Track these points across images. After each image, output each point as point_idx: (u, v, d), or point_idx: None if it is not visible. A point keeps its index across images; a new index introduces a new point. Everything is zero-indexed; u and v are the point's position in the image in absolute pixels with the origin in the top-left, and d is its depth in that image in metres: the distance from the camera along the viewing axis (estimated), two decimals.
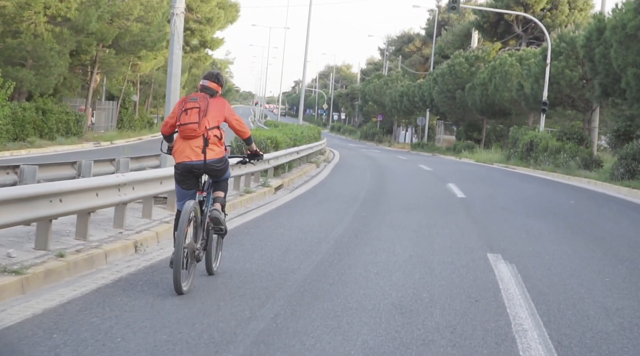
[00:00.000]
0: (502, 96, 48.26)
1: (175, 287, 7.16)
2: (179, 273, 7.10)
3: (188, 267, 7.36)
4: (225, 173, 7.91)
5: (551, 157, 35.01)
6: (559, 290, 8.41)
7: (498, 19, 63.91)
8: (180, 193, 7.78)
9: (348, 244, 10.93)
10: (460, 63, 57.36)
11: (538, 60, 41.18)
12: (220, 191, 7.96)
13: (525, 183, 27.27)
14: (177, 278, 7.11)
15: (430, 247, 11.09)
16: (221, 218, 7.85)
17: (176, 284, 7.15)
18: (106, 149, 37.69)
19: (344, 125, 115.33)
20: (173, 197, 12.71)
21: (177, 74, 14.13)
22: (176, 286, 7.15)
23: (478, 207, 17.40)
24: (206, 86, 7.84)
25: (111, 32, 40.74)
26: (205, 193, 7.94)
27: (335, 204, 16.60)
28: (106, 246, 9.11)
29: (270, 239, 10.98)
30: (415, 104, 69.34)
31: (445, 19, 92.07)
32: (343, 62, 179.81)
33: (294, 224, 12.85)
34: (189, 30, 54.14)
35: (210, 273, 8.21)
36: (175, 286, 7.16)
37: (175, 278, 7.12)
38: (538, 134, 38.91)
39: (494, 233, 12.85)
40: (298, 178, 24.42)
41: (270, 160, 20.37)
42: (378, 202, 17.62)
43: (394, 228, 12.91)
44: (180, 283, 7.14)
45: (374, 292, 7.81)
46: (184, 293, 7.25)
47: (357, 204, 16.81)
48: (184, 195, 7.73)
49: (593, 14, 34.06)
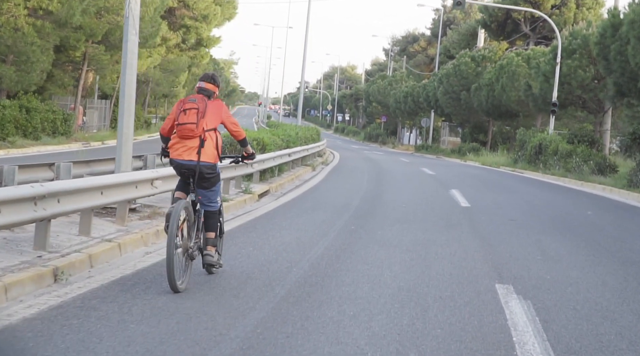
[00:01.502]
0: (509, 97, 46.44)
1: (171, 286, 7.26)
2: (172, 271, 7.18)
3: (183, 265, 7.51)
4: (214, 184, 7.96)
5: (561, 160, 32.96)
6: (592, 344, 6.38)
7: (505, 18, 62.04)
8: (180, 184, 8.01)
9: (325, 270, 8.94)
10: (466, 63, 55.62)
11: (548, 59, 39.24)
12: (211, 232, 8.07)
13: (534, 189, 25.23)
14: (171, 276, 7.20)
15: (426, 274, 9.09)
16: (214, 262, 8.09)
17: (171, 283, 7.24)
18: (95, 150, 35.92)
19: (348, 126, 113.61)
20: (123, 208, 10.78)
21: (132, 64, 12.03)
22: (171, 284, 7.25)
23: (484, 218, 15.38)
24: (203, 88, 7.96)
25: (100, 27, 38.87)
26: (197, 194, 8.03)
27: (322, 214, 14.64)
28: (10, 277, 7.12)
29: (230, 263, 8.98)
30: (420, 105, 67.79)
31: (450, 19, 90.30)
32: (348, 63, 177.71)
33: (268, 241, 10.88)
34: (184, 28, 52.23)
35: (210, 272, 8.33)
36: (171, 284, 7.26)
37: (170, 277, 7.21)
38: (547, 137, 36.86)
39: (503, 255, 10.83)
40: (289, 182, 22.45)
41: (254, 163, 18.38)
42: (372, 211, 15.64)
43: (385, 247, 10.93)
44: (175, 281, 7.23)
45: (344, 350, 5.83)
46: (181, 291, 7.29)
47: (347, 214, 14.84)
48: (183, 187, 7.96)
49: (607, 9, 31.95)
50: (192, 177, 7.79)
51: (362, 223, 13.60)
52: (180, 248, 7.41)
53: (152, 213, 12.10)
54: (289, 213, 14.59)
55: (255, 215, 14.15)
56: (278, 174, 23.43)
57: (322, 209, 15.57)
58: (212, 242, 8.02)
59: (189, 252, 7.62)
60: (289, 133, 28.90)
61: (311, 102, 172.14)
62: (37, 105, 35.30)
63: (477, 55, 56.47)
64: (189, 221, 7.67)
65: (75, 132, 41.40)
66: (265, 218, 13.56)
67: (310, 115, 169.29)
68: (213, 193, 7.99)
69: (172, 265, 7.15)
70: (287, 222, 13.37)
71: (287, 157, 24.32)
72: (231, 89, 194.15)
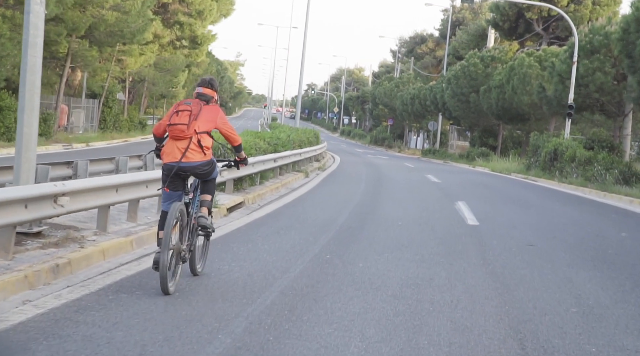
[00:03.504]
0: (520, 99, 43.69)
1: (162, 288, 7.23)
2: (165, 274, 7.16)
3: (174, 267, 7.45)
4: (212, 173, 7.97)
5: (580, 168, 30.00)
6: None
7: (517, 17, 59.36)
8: (166, 195, 7.82)
9: (263, 339, 6.05)
10: (475, 64, 53.01)
11: (564, 58, 36.39)
12: (207, 194, 8.07)
13: (553, 202, 22.28)
14: (163, 279, 7.18)
15: (414, 343, 6.19)
16: (208, 224, 8.01)
17: (163, 285, 7.21)
18: (76, 152, 33.43)
19: (354, 130, 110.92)
20: (7, 234, 7.97)
21: (36, 44, 8.95)
22: (163, 287, 7.22)
23: (495, 243, 12.45)
24: (201, 93, 7.99)
25: (84, 20, 36.14)
26: (191, 195, 8.06)
27: (296, 236, 11.79)
28: None
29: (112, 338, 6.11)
30: (427, 108, 65.30)
31: (459, 19, 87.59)
32: (356, 65, 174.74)
33: (197, 289, 7.92)
34: (177, 24, 49.32)
35: (195, 274, 8.27)
36: (162, 287, 7.22)
37: (162, 279, 7.19)
38: (563, 142, 33.88)
39: (525, 305, 7.89)
40: (272, 192, 19.63)
41: (223, 171, 15.52)
42: (358, 232, 12.77)
43: (364, 291, 8.07)
44: (166, 284, 7.20)
45: None
46: (170, 293, 7.22)
47: (327, 236, 11.99)
48: (169, 197, 7.79)
49: (631, 2, 29.01)
50: (187, 179, 7.87)
51: (342, 250, 10.72)
52: (172, 250, 7.37)
53: (63, 239, 9.22)
54: (254, 235, 11.72)
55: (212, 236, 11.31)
56: (261, 182, 20.61)
57: (298, 228, 12.72)
58: (207, 204, 8.05)
59: (181, 255, 7.61)
60: (278, 136, 26.03)
61: (318, 105, 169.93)
62: (10, 103, 32.60)
63: (486, 56, 53.77)
64: (182, 223, 7.64)
65: (56, 133, 38.67)
66: (220, 244, 10.63)
67: (317, 118, 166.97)
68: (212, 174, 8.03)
69: (166, 273, 7.16)
70: (247, 246, 10.52)
71: (272, 163, 21.49)
72: (237, 91, 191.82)
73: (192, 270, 8.23)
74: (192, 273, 8.21)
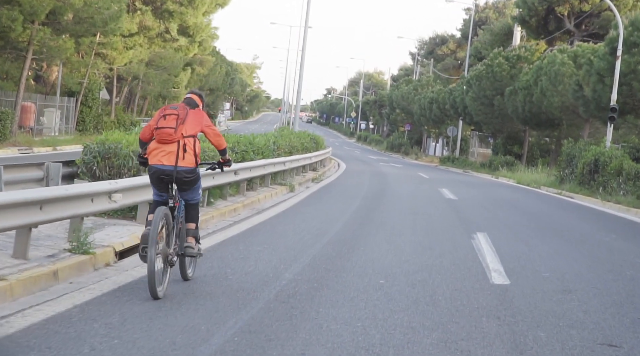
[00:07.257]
0: (550, 102, 38.31)
1: (151, 292, 7.13)
2: (153, 278, 7.08)
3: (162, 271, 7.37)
4: (194, 184, 7.89)
5: (629, 184, 24.39)
6: None
7: (547, 12, 53.95)
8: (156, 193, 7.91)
9: None
10: (499, 63, 47.85)
11: (602, 54, 30.99)
12: (191, 222, 8.06)
13: (609, 233, 16.72)
14: (152, 283, 7.08)
15: None
16: (194, 253, 7.99)
17: (151, 289, 7.11)
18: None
19: (371, 135, 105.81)
20: None
21: None
22: (152, 291, 7.13)
23: (543, 336, 6.94)
24: (188, 97, 8.09)
25: (43, 4, 31.02)
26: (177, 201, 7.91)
27: (181, 322, 6.44)
28: None
29: None
30: (446, 112, 60.25)
31: (482, 19, 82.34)
32: (375, 69, 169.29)
33: None
34: (166, 13, 44.00)
35: (185, 279, 8.19)
36: (151, 291, 7.13)
37: (150, 283, 7.09)
38: (605, 151, 28.24)
39: None
40: (220, 217, 14.34)
41: (116, 195, 10.07)
42: (301, 309, 7.35)
43: None
44: (155, 288, 7.10)
45: None
46: (160, 298, 7.13)
47: (235, 322, 6.61)
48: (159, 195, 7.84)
49: None
50: (171, 183, 7.76)
51: None
52: (159, 255, 7.30)
53: None
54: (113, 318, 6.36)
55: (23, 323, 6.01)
56: (210, 203, 15.24)
57: (195, 302, 7.33)
58: (192, 233, 8.06)
59: (169, 259, 7.56)
60: (252, 140, 20.58)
61: (336, 109, 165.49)
62: None
63: (511, 56, 48.37)
64: (167, 228, 7.62)
65: (16, 135, 33.50)
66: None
67: (335, 123, 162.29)
68: (194, 190, 7.97)
69: (153, 272, 7.06)
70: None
71: (232, 176, 16.08)
72: (254, 95, 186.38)
73: (182, 276, 8.19)
74: (183, 278, 8.16)
